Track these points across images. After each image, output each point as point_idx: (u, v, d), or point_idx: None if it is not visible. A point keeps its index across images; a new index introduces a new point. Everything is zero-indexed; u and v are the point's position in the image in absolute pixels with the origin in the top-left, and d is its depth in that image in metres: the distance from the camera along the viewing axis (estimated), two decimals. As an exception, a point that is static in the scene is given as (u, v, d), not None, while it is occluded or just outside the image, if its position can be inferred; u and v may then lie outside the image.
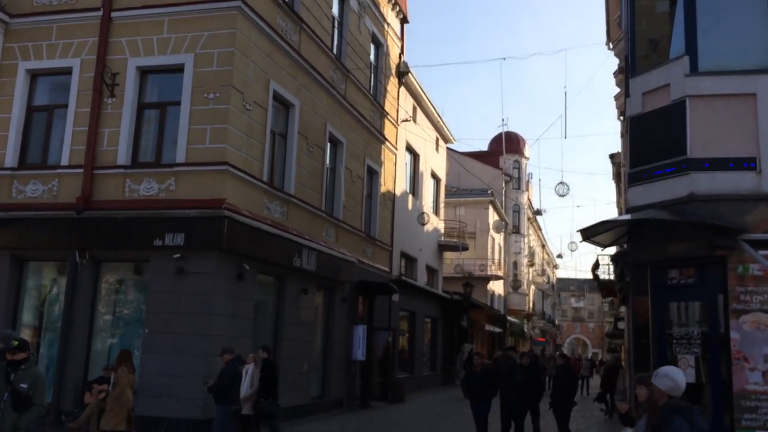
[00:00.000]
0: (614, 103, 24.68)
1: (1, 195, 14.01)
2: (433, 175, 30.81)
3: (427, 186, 29.59)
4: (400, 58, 24.87)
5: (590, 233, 11.92)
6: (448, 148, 34.43)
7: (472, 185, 41.31)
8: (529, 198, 51.90)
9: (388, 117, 23.37)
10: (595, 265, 25.05)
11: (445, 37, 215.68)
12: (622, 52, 16.03)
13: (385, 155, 23.11)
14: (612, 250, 19.38)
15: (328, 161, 18.25)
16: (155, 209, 12.95)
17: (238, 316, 13.50)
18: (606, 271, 26.39)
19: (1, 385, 6.48)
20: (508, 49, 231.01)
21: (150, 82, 14.13)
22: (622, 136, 20.39)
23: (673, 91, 11.59)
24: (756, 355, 10.50)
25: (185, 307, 12.66)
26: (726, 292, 10.83)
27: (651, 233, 11.83)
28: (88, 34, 14.12)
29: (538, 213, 56.09)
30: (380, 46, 22.79)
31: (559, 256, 58.56)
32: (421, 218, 25.58)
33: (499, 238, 45.60)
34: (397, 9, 24.43)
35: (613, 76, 21.96)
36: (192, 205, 12.80)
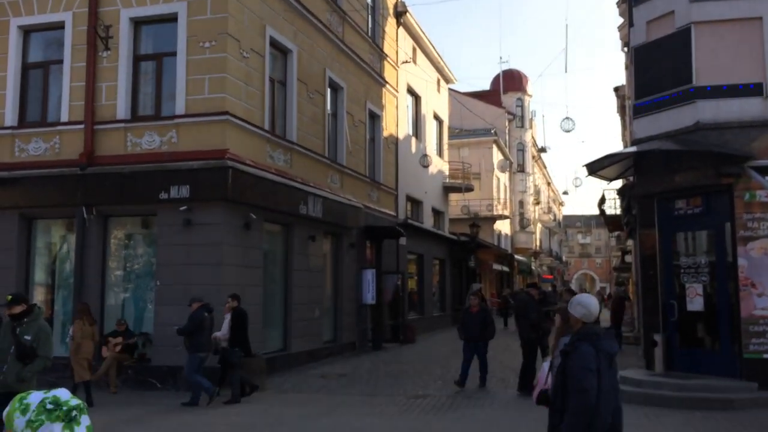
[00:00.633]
0: (618, 35, 24.22)
1: (4, 154, 13.98)
2: (436, 117, 30.54)
3: (430, 128, 29.36)
4: (398, -3, 24.35)
5: (596, 167, 11.88)
6: (449, 88, 34.03)
7: (475, 125, 40.97)
8: (533, 136, 51.54)
9: (388, 59, 23.03)
10: (602, 200, 25.06)
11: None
12: (625, -20, 15.64)
13: (386, 98, 22.87)
14: (618, 183, 19.35)
15: (329, 107, 18.09)
16: (159, 162, 12.91)
17: (248, 265, 13.62)
18: (612, 206, 26.37)
19: (8, 338, 6.74)
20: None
21: (144, 34, 13.90)
22: (627, 67, 20.07)
23: (678, 17, 11.36)
24: (764, 281, 10.58)
25: (195, 259, 12.77)
26: (733, 220, 10.85)
27: (657, 164, 11.79)
28: (78, -15, 13.83)
29: (543, 150, 55.82)
30: (376, -14, 22.29)
31: (565, 193, 58.52)
32: (424, 160, 25.47)
33: (504, 178, 45.50)
34: (392, -54, 23.79)
35: (617, 6, 21.48)
36: (195, 156, 12.76)
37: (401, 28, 24.73)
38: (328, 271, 18.31)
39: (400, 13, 24.31)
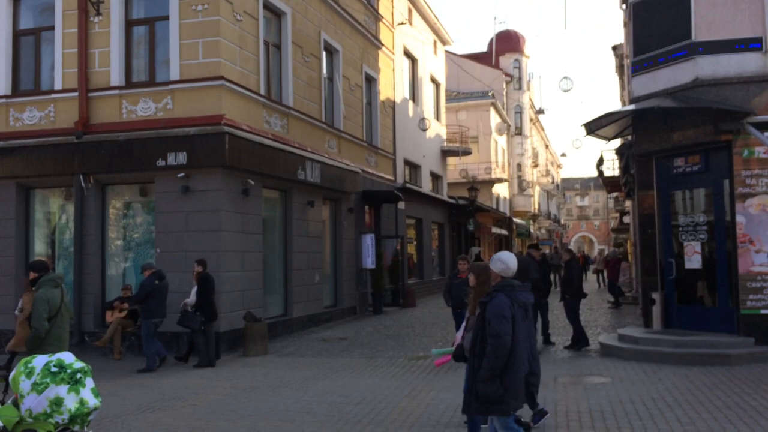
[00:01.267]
0: (615, -7, 23.89)
1: (-1, 124, 13.91)
2: (433, 80, 30.28)
3: (427, 91, 29.14)
4: (392, -43, 23.94)
5: (594, 126, 11.81)
6: (446, 51, 33.67)
7: (473, 88, 40.65)
8: (530, 98, 51.17)
9: (383, 21, 22.74)
10: (600, 161, 25.01)
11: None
12: (623, -64, 15.37)
13: (383, 61, 22.64)
14: (617, 143, 19.28)
15: (324, 71, 17.92)
16: (154, 129, 12.84)
17: (247, 231, 13.63)
18: (611, 167, 26.33)
19: None
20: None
21: (136, -2, 13.70)
22: (625, 24, 19.81)
23: (677, -29, 11.19)
24: (762, 238, 10.62)
25: (193, 226, 12.77)
26: (731, 177, 10.84)
27: (655, 122, 11.73)
28: (67, -51, 13.57)
29: (541, 112, 55.48)
30: (370, -54, 21.90)
31: (563, 155, 58.37)
32: (422, 123, 25.31)
33: (502, 141, 45.30)
34: None
35: (614, -37, 21.14)
36: (191, 122, 12.68)
37: (396, -10, 24.38)
38: (328, 236, 18.34)
39: (395, -26, 23.94)
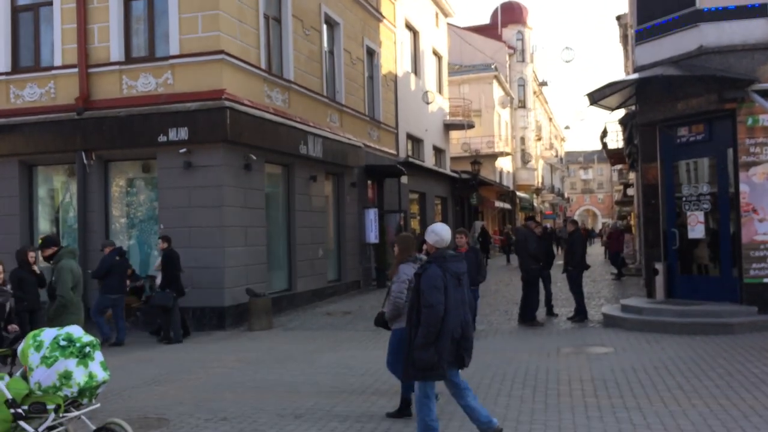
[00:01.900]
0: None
1: (0, 101, 13.85)
2: (435, 53, 30.03)
3: (429, 64, 28.90)
4: (392, -72, 23.61)
5: (598, 96, 11.73)
6: (448, 23, 33.34)
7: (475, 61, 40.34)
8: (534, 70, 50.78)
9: (384, -7, 22.51)
10: (604, 133, 24.86)
11: None
12: None
13: (384, 34, 22.45)
14: (620, 114, 19.17)
15: (325, 44, 17.78)
16: (155, 105, 12.79)
17: (250, 206, 13.64)
18: (615, 139, 26.21)
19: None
20: None
21: (134, -29, 13.57)
22: (628, -6, 19.56)
23: (681, -63, 11.03)
24: (765, 206, 10.59)
25: (196, 201, 12.78)
26: (735, 146, 10.78)
27: (659, 91, 11.64)
28: None
29: (544, 84, 55.09)
30: None
31: (567, 128, 58.09)
32: (426, 97, 25.15)
33: (505, 114, 45.07)
34: None
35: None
36: (192, 98, 12.62)
37: (397, -39, 24.08)
38: (331, 211, 18.35)
39: (396, -55, 23.63)
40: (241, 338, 11.87)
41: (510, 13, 45.96)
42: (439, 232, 5.43)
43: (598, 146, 28.10)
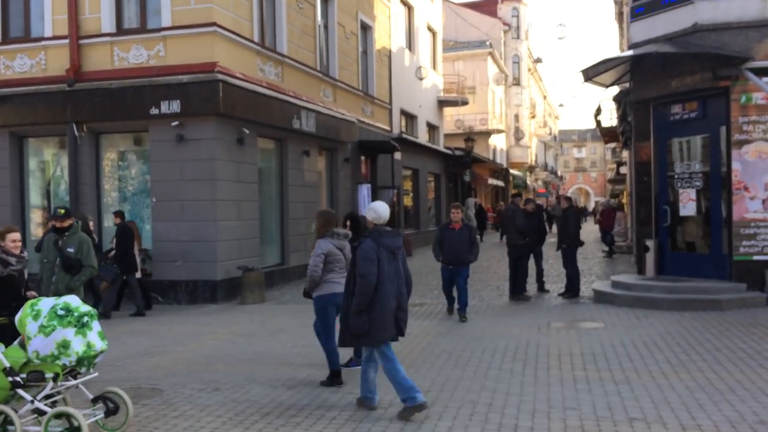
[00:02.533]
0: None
1: (-11, 72, 13.72)
2: (429, 29, 29.82)
3: (424, 40, 28.72)
4: None
5: (592, 73, 11.71)
6: (443, -2, 33.09)
7: (470, 37, 40.07)
8: (528, 48, 50.52)
9: (379, -33, 22.28)
10: (598, 111, 24.83)
11: None
12: None
13: (378, 9, 22.26)
14: (615, 91, 19.14)
15: (319, 18, 17.61)
16: (147, 77, 12.68)
17: (242, 181, 13.60)
18: (609, 117, 26.19)
19: (53, 251, 7.20)
20: None
21: (124, -60, 13.36)
22: (625, -29, 19.46)
23: None
24: (757, 184, 10.65)
25: (188, 175, 12.74)
26: (728, 124, 10.80)
27: (654, 69, 11.63)
28: None
29: (539, 61, 54.85)
30: None
31: (561, 105, 58.00)
32: (420, 72, 25.02)
33: (499, 91, 44.91)
34: None
35: None
36: (184, 70, 12.51)
37: (392, -66, 23.80)
38: (324, 186, 18.33)
39: None
40: (234, 312, 11.91)
41: (505, -11, 45.59)
42: (377, 210, 5.80)
43: (592, 125, 28.12)
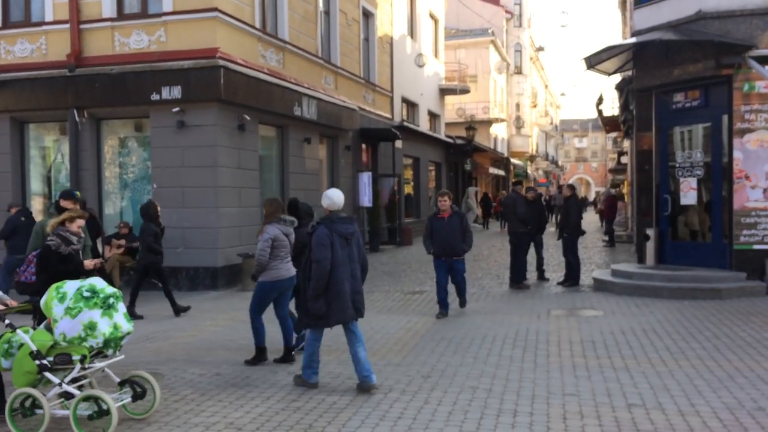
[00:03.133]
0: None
1: (-10, 57, 13.68)
2: (431, 16, 29.69)
3: (425, 28, 28.59)
4: None
5: (594, 61, 11.65)
6: (445, -14, 32.91)
7: (472, 25, 39.90)
8: (531, 36, 50.31)
9: (381, -46, 22.14)
10: (599, 100, 24.76)
11: None
12: None
13: (381, -4, 22.15)
14: (617, 79, 19.07)
15: (321, 4, 17.53)
16: (148, 62, 12.64)
17: (243, 167, 13.59)
18: (610, 106, 26.13)
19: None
20: None
21: (125, -76, 13.28)
22: (628, -42, 19.34)
23: None
24: (758, 173, 10.63)
25: (189, 161, 12.72)
26: (731, 112, 10.77)
27: (656, 57, 11.58)
28: None
29: (541, 49, 54.64)
30: None
31: (562, 95, 57.82)
32: (419, 59, 24.93)
33: (501, 80, 44.77)
34: None
35: None
36: (185, 56, 12.47)
37: None
38: (324, 173, 18.31)
39: None
40: (234, 298, 11.93)
41: (508, -23, 45.33)
42: (332, 197, 6.02)
43: (594, 114, 28.03)
